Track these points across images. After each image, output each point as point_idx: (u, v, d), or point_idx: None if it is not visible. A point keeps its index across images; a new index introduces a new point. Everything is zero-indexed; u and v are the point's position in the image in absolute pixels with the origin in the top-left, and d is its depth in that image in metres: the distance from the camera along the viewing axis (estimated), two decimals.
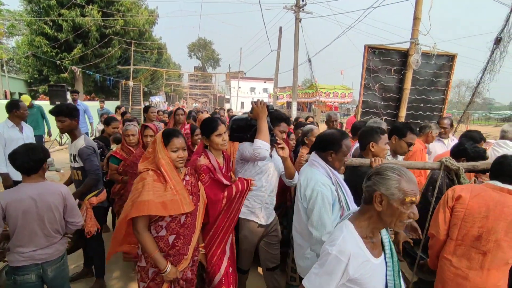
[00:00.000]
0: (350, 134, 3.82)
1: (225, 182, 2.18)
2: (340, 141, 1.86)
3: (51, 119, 5.28)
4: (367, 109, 4.63)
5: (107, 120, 4.09)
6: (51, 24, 16.26)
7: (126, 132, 3.35)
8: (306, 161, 2.08)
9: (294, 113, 16.19)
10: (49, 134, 6.73)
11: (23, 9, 17.43)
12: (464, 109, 8.28)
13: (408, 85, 4.45)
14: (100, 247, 2.87)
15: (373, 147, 2.27)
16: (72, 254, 2.77)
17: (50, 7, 16.00)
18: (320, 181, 1.81)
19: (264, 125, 2.29)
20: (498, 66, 6.66)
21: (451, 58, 4.64)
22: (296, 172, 2.47)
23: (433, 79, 4.68)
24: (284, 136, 2.69)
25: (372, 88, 4.56)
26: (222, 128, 2.18)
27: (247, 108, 50.00)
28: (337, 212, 1.82)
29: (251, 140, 2.33)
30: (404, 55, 4.50)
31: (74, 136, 2.69)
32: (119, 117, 7.20)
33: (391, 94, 4.62)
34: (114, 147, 3.23)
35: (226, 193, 2.15)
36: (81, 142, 2.61)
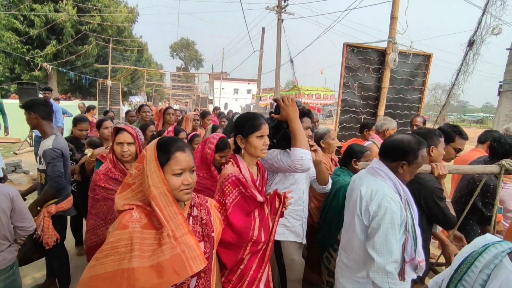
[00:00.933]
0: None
1: (259, 198, 1.73)
2: (416, 151, 1.57)
3: (14, 116, 4.90)
4: (346, 108, 4.61)
5: (74, 119, 3.55)
6: (22, 19, 15.43)
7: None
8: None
9: None
10: (6, 132, 6.29)
11: None
12: (440, 110, 8.51)
13: (386, 83, 4.47)
14: (63, 258, 2.65)
15: (432, 151, 2.05)
16: (35, 262, 2.54)
17: (21, 1, 15.20)
18: (389, 195, 1.52)
19: (299, 127, 1.86)
20: (471, 68, 6.89)
21: (427, 57, 4.71)
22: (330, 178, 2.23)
23: (410, 78, 4.73)
24: (310, 133, 2.34)
25: (351, 87, 4.54)
26: (266, 129, 1.75)
27: (231, 108, 49.72)
28: (401, 236, 1.52)
29: (279, 146, 1.98)
30: (382, 54, 4.52)
31: (44, 135, 2.47)
32: (90, 119, 6.76)
33: (370, 93, 4.63)
34: (89, 151, 2.90)
35: (257, 215, 1.70)
36: (48, 143, 2.38)
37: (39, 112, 2.42)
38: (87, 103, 17.96)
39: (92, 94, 19.85)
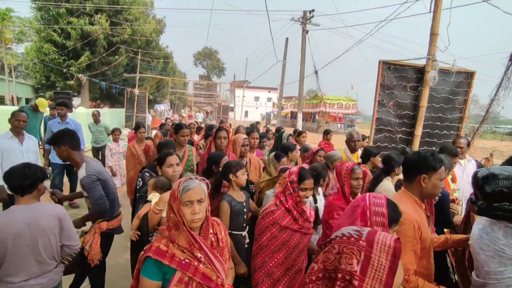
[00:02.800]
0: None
1: None
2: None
3: None
4: (381, 126, 4.45)
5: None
6: (59, 31, 16.41)
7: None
8: None
9: (299, 124, 16.05)
10: (42, 144, 5.95)
11: (33, 16, 17.66)
12: (477, 128, 8.07)
13: (424, 102, 4.28)
14: (100, 276, 2.67)
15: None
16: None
17: (59, 15, 16.18)
18: None
19: None
20: None
21: (469, 75, 4.48)
22: None
23: (451, 96, 4.50)
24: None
25: (387, 105, 4.39)
26: None
27: (251, 117, 50.09)
28: None
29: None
30: (420, 71, 4.34)
31: (76, 165, 2.47)
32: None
33: (406, 112, 4.45)
34: (154, 197, 2.18)
35: None
36: (82, 172, 2.40)
37: (68, 144, 2.42)
38: (116, 110, 18.72)
39: (120, 102, 20.63)
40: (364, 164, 3.35)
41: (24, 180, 1.87)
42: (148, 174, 2.74)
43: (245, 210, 2.45)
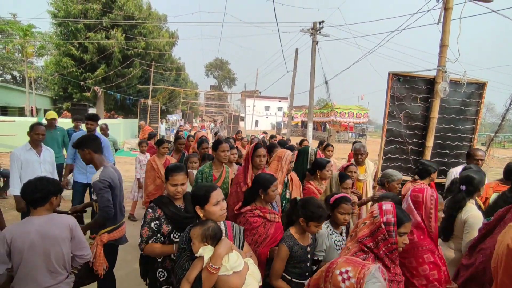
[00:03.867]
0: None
1: None
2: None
3: None
4: (392, 138, 4.42)
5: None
6: (77, 46, 17.11)
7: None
8: None
9: (310, 134, 16.00)
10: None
11: (53, 32, 18.49)
12: (492, 138, 7.88)
13: (435, 113, 4.24)
14: (110, 284, 2.73)
15: None
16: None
17: (78, 30, 16.91)
18: None
19: None
20: None
21: (481, 86, 4.43)
22: None
23: (462, 107, 4.45)
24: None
25: (397, 116, 4.37)
26: None
27: (262, 126, 50.29)
28: None
29: None
30: (430, 82, 4.32)
31: (96, 167, 2.63)
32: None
33: (417, 123, 4.42)
34: (206, 253, 1.68)
35: None
36: (96, 176, 2.51)
37: (91, 147, 2.58)
38: (129, 121, 19.19)
39: (134, 112, 21.14)
40: (422, 181, 3.12)
41: (35, 193, 1.96)
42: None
43: (309, 257, 2.04)
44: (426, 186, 2.28)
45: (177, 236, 2.11)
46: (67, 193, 6.63)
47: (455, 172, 3.65)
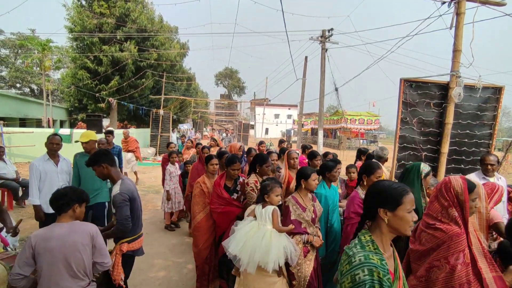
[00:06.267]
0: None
1: None
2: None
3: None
4: (405, 144, 4.36)
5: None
6: (92, 58, 17.67)
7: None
8: None
9: (320, 141, 15.89)
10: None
11: (69, 46, 19.18)
12: (511, 141, 7.64)
13: (450, 119, 4.17)
14: None
15: None
16: None
17: (93, 43, 17.49)
18: None
19: None
20: None
21: (497, 90, 4.33)
22: None
23: (478, 112, 4.35)
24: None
25: (410, 123, 4.31)
26: None
27: (272, 134, 50.29)
28: None
29: None
30: (444, 88, 4.26)
31: (113, 181, 2.66)
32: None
33: (431, 129, 4.34)
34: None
35: None
36: (116, 189, 2.54)
37: (107, 162, 2.61)
38: (142, 130, 19.54)
39: (146, 122, 21.53)
40: None
41: (59, 200, 2.10)
42: None
43: None
44: None
45: None
46: None
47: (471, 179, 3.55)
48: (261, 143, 6.43)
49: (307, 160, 4.56)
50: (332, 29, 15.34)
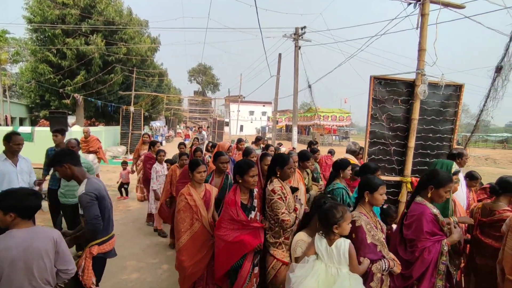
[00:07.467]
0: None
1: None
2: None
3: (43, 143, 4.75)
4: (375, 140, 4.52)
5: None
6: (55, 52, 16.57)
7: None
8: None
9: (294, 138, 16.15)
10: None
11: (29, 38, 17.85)
12: (469, 137, 8.24)
13: (416, 115, 4.37)
14: None
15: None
16: None
17: (55, 36, 16.39)
18: None
19: None
20: (500, 94, 6.71)
21: (458, 88, 4.61)
22: None
23: (441, 109, 4.61)
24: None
25: (379, 119, 4.47)
26: None
27: (246, 131, 50.29)
28: None
29: None
30: (410, 85, 4.46)
31: (78, 181, 2.51)
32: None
33: (399, 124, 4.53)
34: None
35: None
36: (81, 189, 2.41)
37: (70, 161, 2.46)
38: (111, 128, 18.72)
39: (115, 119, 20.65)
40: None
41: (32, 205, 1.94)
42: None
43: None
44: None
45: None
46: (45, 204, 6.35)
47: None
48: (239, 140, 6.36)
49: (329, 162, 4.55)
50: (305, 27, 15.57)
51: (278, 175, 2.79)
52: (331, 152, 6.86)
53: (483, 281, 2.20)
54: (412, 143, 4.45)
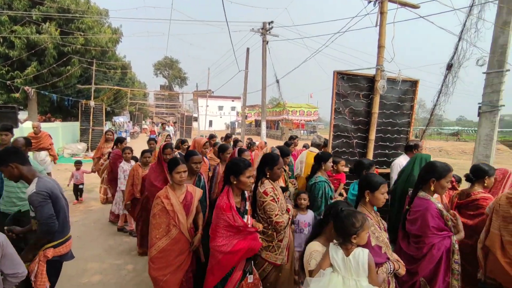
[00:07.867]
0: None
1: None
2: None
3: None
4: (338, 133, 4.69)
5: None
6: (1, 40, 15.02)
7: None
8: None
9: (264, 132, 16.27)
10: None
11: None
12: (424, 130, 8.86)
13: (376, 109, 4.60)
14: None
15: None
16: None
17: (1, 23, 14.84)
18: None
19: None
20: (451, 89, 7.28)
21: (414, 83, 4.92)
22: None
23: (399, 103, 4.90)
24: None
25: (343, 112, 4.64)
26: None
27: (216, 126, 49.69)
28: None
29: None
30: (371, 80, 4.68)
31: (28, 181, 2.32)
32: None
33: (361, 118, 4.75)
34: None
35: None
36: (31, 188, 2.23)
37: (16, 160, 2.28)
38: (69, 124, 17.50)
39: (74, 114, 19.33)
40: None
41: None
42: None
43: None
44: None
45: None
46: None
47: (399, 163, 4.01)
48: (211, 136, 6.19)
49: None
50: (272, 21, 15.64)
51: (268, 176, 2.70)
52: (306, 147, 7.00)
53: (462, 259, 2.36)
54: (372, 135, 4.68)
